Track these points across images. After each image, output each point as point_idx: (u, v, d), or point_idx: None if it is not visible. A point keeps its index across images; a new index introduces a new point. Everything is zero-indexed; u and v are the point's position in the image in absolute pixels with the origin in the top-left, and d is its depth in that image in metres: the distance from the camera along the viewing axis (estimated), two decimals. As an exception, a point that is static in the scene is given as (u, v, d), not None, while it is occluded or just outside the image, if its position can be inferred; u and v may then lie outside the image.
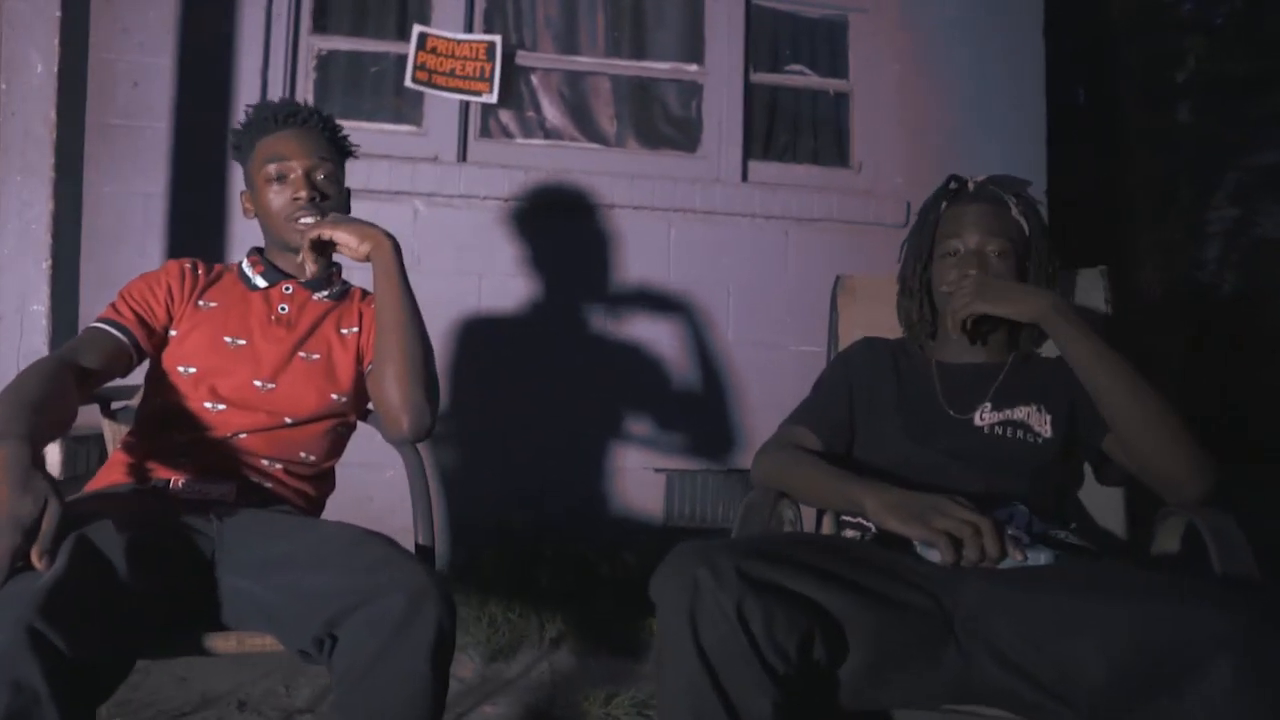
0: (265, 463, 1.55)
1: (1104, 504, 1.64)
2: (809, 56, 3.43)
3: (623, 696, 2.21)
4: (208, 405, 1.53)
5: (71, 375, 1.39)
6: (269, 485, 1.54)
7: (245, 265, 1.68)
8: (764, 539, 1.20)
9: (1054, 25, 3.40)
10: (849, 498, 1.29)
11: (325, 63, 3.14)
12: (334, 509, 2.39)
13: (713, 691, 1.00)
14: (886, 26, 3.34)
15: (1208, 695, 0.93)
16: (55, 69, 2.16)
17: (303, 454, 1.59)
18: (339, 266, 1.74)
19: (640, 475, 3.09)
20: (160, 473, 1.49)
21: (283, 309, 1.64)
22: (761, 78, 3.36)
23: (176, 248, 2.85)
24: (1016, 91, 3.34)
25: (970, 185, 1.60)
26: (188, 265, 1.65)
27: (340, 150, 1.70)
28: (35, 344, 2.18)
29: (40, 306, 2.16)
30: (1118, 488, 1.63)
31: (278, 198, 1.60)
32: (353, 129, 2.27)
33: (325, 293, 1.69)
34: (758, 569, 1.03)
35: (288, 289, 1.66)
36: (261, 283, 1.66)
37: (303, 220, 1.57)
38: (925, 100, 3.30)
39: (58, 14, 2.17)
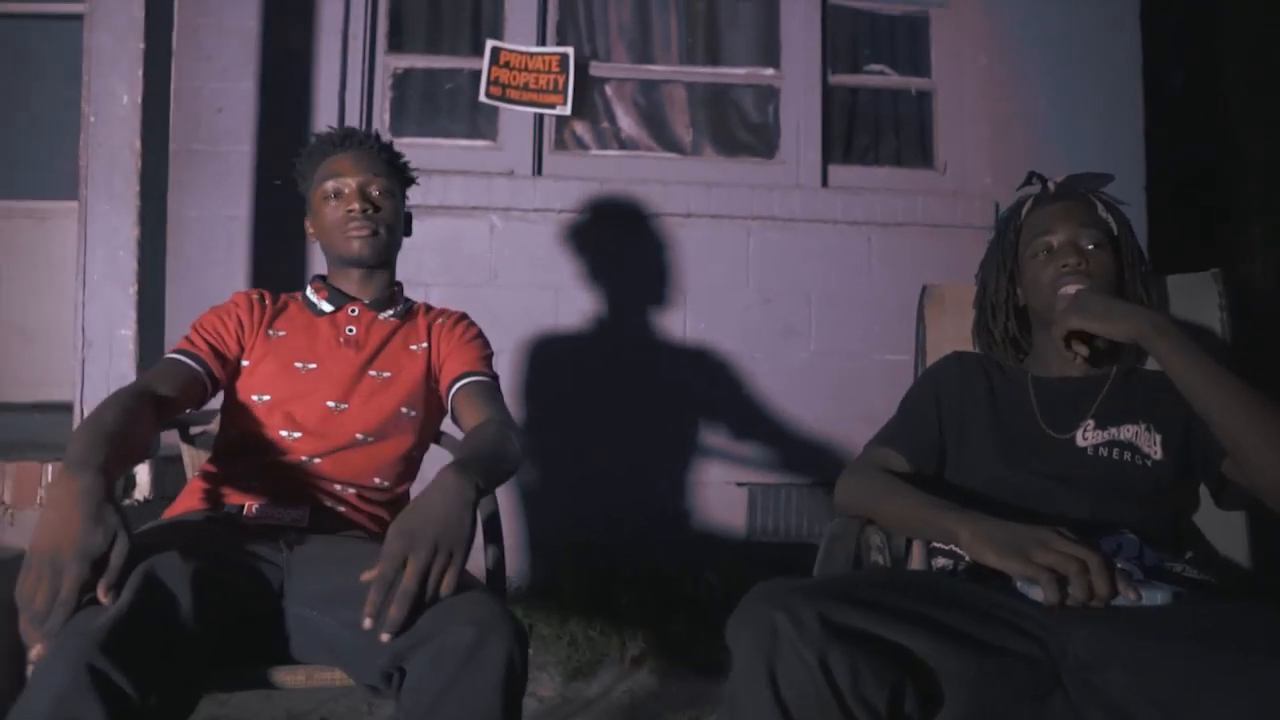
0: (338, 487, 1.54)
1: (1223, 528, 1.51)
2: (889, 55, 3.35)
3: (706, 719, 2.15)
4: (283, 433, 1.54)
5: (150, 405, 1.40)
6: (341, 510, 1.53)
7: (310, 292, 1.71)
8: (848, 579, 1.12)
9: (1149, 6, 3.22)
10: (942, 527, 1.20)
11: (401, 81, 3.18)
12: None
13: (794, 749, 0.93)
14: (969, 20, 3.24)
15: None
16: (139, 99, 2.22)
17: (376, 479, 1.58)
18: (400, 285, 1.76)
19: (721, 489, 3.04)
20: (234, 498, 1.50)
21: (350, 330, 1.65)
22: (840, 79, 3.29)
23: (260, 269, 2.91)
24: (1111, 81, 3.19)
25: (1051, 185, 1.51)
26: (255, 296, 1.67)
27: (398, 172, 1.72)
28: (123, 369, 2.23)
29: (127, 331, 2.21)
30: (1239, 511, 1.49)
31: (334, 212, 1.64)
32: (429, 146, 2.31)
33: (390, 311, 1.70)
34: (842, 614, 0.95)
35: (353, 311, 1.68)
36: (327, 307, 1.67)
37: (356, 229, 1.62)
38: (1012, 95, 3.18)
39: (141, 46, 2.22)
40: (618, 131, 3.25)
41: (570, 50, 3.09)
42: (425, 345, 1.68)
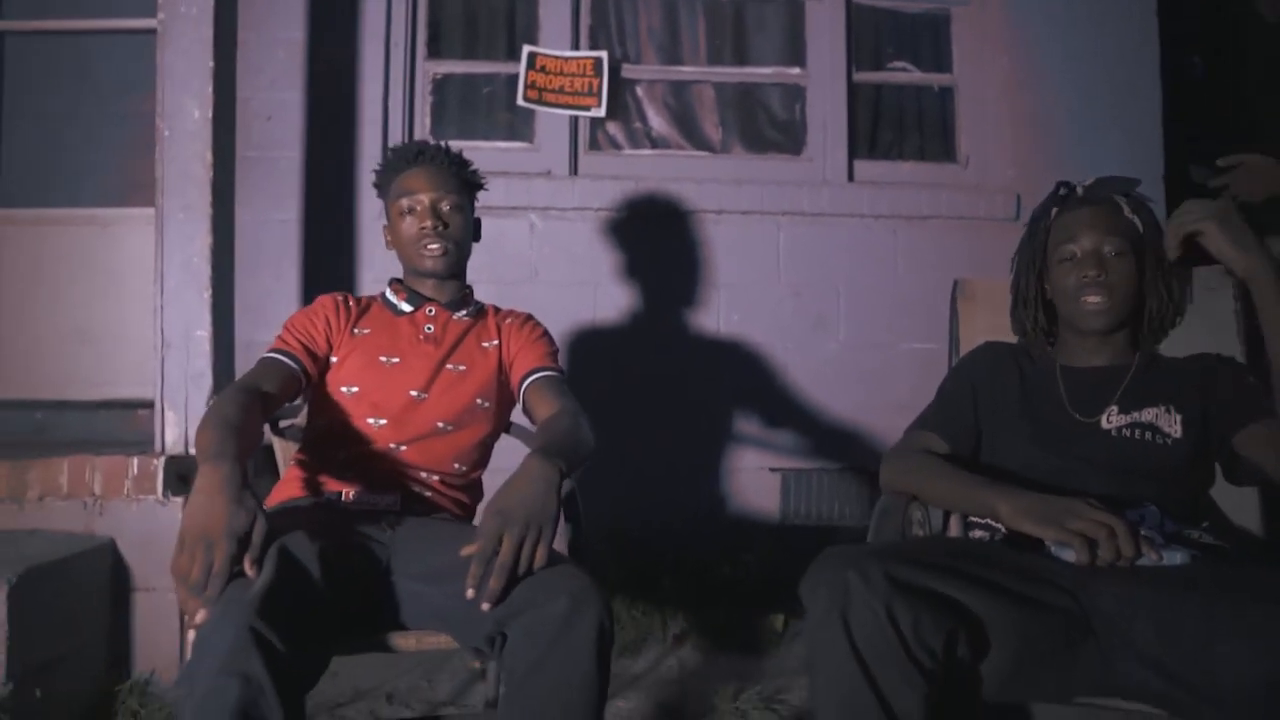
0: (424, 475, 1.69)
1: (1239, 501, 1.63)
2: (911, 52, 3.43)
3: (750, 691, 2.27)
4: (370, 420, 1.68)
5: (259, 401, 1.55)
6: (428, 495, 1.69)
7: (389, 294, 1.85)
8: (906, 544, 1.27)
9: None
10: (982, 502, 1.33)
11: (441, 86, 3.29)
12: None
13: (865, 686, 1.07)
14: (990, 17, 3.32)
15: None
16: (210, 114, 2.35)
17: (456, 465, 1.73)
18: (470, 289, 1.90)
19: (755, 475, 3.14)
20: (332, 486, 1.65)
21: (429, 329, 1.79)
22: (864, 76, 3.38)
23: (311, 270, 3.04)
24: (1131, 74, 3.25)
25: (1079, 189, 1.59)
26: (339, 298, 1.81)
27: (466, 183, 1.85)
28: (200, 367, 2.37)
29: (203, 332, 2.36)
30: (1251, 486, 1.61)
31: (409, 229, 1.78)
32: (469, 148, 2.44)
33: (464, 311, 1.85)
34: (904, 573, 1.10)
35: (431, 311, 1.82)
36: (407, 307, 1.81)
37: (429, 246, 1.75)
38: (1033, 89, 3.26)
39: (210, 64, 2.36)
40: (650, 131, 3.35)
41: (604, 54, 3.19)
42: (496, 342, 1.83)
